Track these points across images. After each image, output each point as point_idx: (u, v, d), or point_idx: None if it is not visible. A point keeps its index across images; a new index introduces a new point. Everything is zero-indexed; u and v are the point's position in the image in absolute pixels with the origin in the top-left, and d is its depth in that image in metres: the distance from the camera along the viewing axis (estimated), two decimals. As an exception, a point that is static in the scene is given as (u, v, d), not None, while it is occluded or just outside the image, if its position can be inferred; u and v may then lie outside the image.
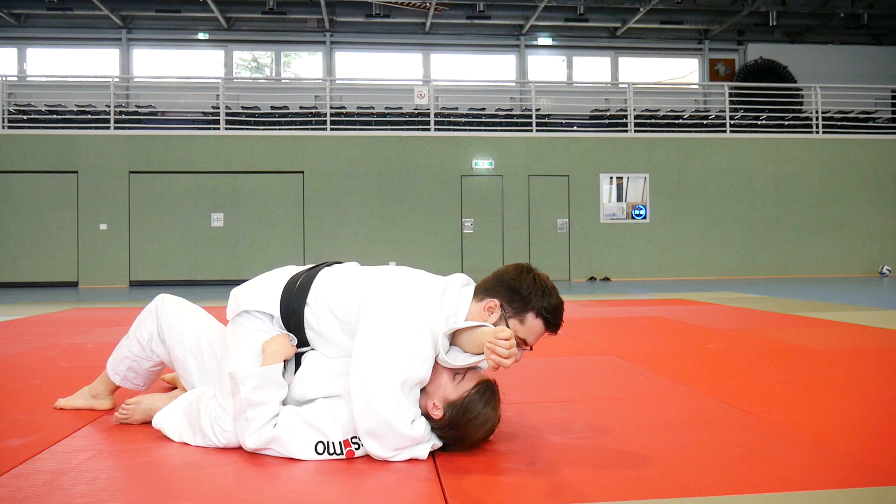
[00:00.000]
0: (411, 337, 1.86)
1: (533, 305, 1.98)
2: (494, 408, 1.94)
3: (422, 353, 1.86)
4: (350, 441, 1.90)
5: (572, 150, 13.19)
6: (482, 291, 2.04)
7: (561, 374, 3.15)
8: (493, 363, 1.78)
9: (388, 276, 2.06)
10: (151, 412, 2.26)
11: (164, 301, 2.38)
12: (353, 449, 1.90)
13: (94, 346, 4.21)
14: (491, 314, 1.99)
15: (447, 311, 1.97)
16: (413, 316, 1.89)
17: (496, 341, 1.76)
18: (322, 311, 2.06)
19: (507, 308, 1.99)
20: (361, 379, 1.82)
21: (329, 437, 1.90)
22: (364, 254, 12.24)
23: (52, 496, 1.67)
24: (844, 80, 16.46)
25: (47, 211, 12.26)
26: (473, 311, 2.01)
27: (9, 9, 14.89)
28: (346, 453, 1.90)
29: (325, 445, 1.90)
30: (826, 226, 13.49)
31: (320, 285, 2.10)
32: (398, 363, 1.83)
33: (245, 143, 12.71)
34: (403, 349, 1.84)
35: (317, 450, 1.90)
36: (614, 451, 2.00)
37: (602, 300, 8.03)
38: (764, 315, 5.91)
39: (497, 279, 2.04)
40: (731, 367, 3.47)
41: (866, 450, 1.99)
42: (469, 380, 1.94)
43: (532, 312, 1.98)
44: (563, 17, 15.91)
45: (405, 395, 1.84)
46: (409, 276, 2.06)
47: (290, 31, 16.30)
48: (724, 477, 1.77)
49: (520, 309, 1.98)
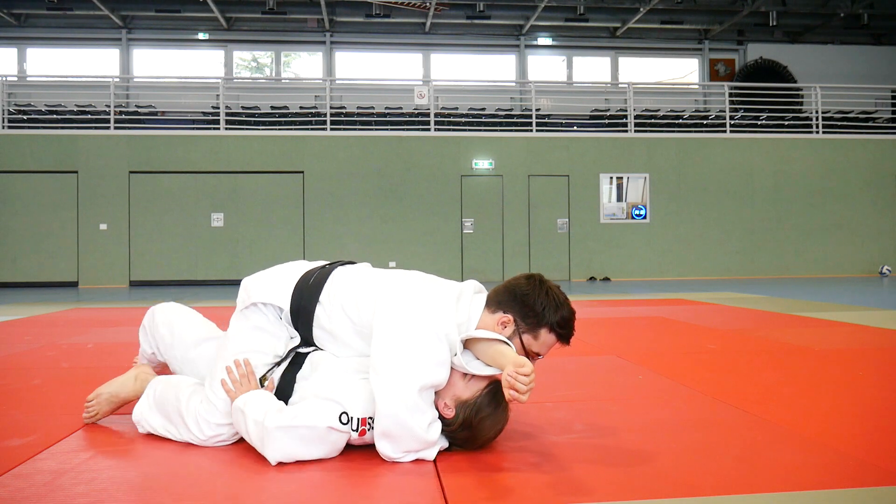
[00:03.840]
0: (428, 340, 1.85)
1: (547, 321, 1.98)
2: (505, 409, 1.95)
3: (440, 355, 1.85)
4: (367, 420, 1.90)
5: (572, 150, 13.19)
6: (495, 303, 2.03)
7: (561, 374, 3.15)
8: (508, 396, 1.77)
9: (403, 281, 2.06)
10: (116, 398, 2.27)
11: (154, 315, 2.38)
12: (367, 429, 1.90)
13: (94, 347, 4.21)
14: (504, 328, 1.99)
15: (460, 318, 1.97)
16: (429, 320, 1.89)
17: (517, 377, 1.74)
18: (335, 312, 2.06)
19: (520, 324, 1.99)
20: (381, 382, 1.82)
21: (350, 411, 1.89)
22: (364, 254, 12.23)
23: (52, 496, 1.67)
24: (844, 80, 16.46)
25: (47, 211, 12.25)
26: (485, 320, 2.01)
27: (9, 9, 14.89)
28: (360, 431, 1.89)
29: (348, 417, 1.89)
30: (826, 226, 13.49)
31: (334, 285, 2.09)
32: (418, 366, 1.82)
33: (245, 143, 12.71)
34: (422, 352, 1.84)
35: (341, 420, 1.87)
36: (614, 451, 2.00)
37: (602, 300, 8.03)
38: (764, 315, 5.91)
39: (510, 293, 2.02)
40: (731, 367, 3.47)
41: (866, 450, 1.99)
42: (479, 380, 1.94)
43: (546, 328, 1.99)
44: (563, 17, 15.91)
45: (423, 398, 1.84)
46: (424, 282, 2.06)
47: (290, 31, 16.30)
48: (724, 477, 1.77)
49: (534, 325, 1.98)
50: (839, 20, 16.38)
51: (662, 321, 5.60)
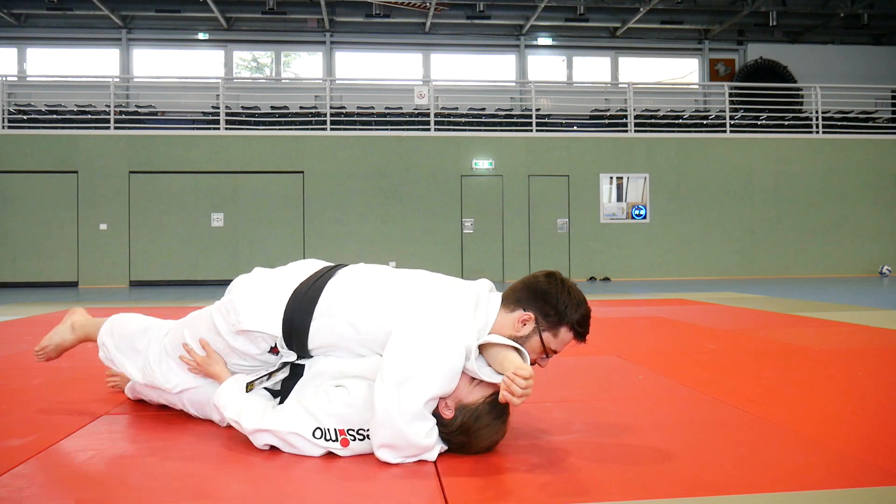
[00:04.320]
0: (447, 352, 1.81)
1: (568, 319, 1.97)
2: (504, 421, 1.93)
3: (455, 367, 1.83)
4: (345, 431, 1.90)
5: (572, 150, 13.19)
6: (513, 301, 2.01)
7: (561, 374, 3.15)
8: (502, 397, 1.77)
9: (419, 287, 2.01)
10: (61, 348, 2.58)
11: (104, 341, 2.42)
12: (348, 438, 1.89)
13: (93, 347, 4.20)
14: (524, 326, 1.97)
15: (479, 324, 1.95)
16: (450, 330, 1.85)
17: (514, 378, 1.74)
18: (339, 324, 1.99)
19: (541, 322, 1.98)
20: (385, 392, 1.78)
21: (323, 424, 1.90)
22: (364, 254, 12.23)
23: (52, 496, 1.67)
24: (844, 80, 16.45)
25: (47, 211, 12.25)
26: (501, 320, 1.99)
27: (9, 9, 14.89)
28: (340, 441, 1.89)
29: (322, 431, 1.90)
30: (826, 226, 13.49)
31: (335, 298, 2.02)
32: (430, 378, 1.79)
33: (245, 143, 12.71)
34: (438, 364, 1.80)
35: (314, 434, 1.89)
36: (614, 451, 2.00)
37: (602, 300, 8.03)
38: (764, 315, 5.91)
39: (530, 291, 2.00)
40: (731, 367, 3.47)
41: (866, 450, 1.99)
42: (485, 387, 1.91)
43: (566, 326, 1.98)
44: (563, 17, 15.91)
45: (427, 407, 1.83)
46: (441, 287, 2.01)
47: (290, 31, 16.30)
48: (725, 476, 1.77)
49: (555, 323, 1.98)
50: (839, 20, 16.38)
51: (662, 321, 5.60)
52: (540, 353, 2.01)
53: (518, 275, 12.49)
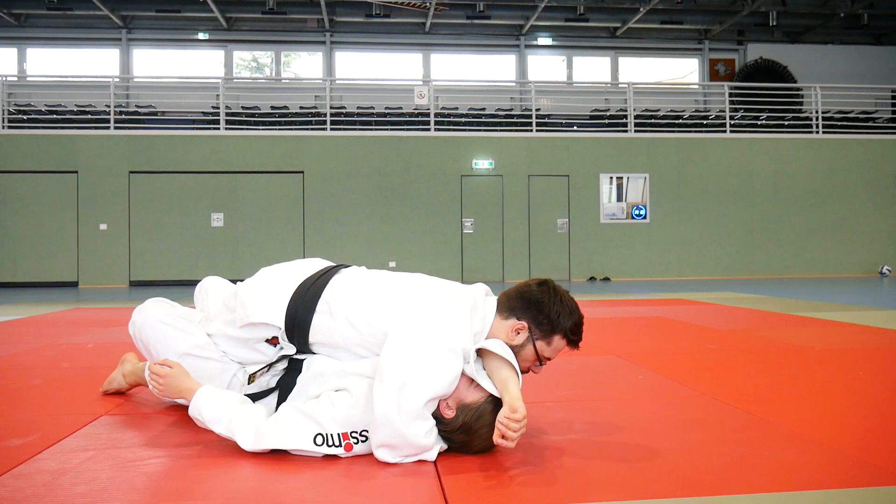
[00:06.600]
0: (444, 355, 1.83)
1: (561, 328, 2.00)
2: None
3: (454, 371, 1.84)
4: (349, 434, 1.90)
5: (572, 150, 13.19)
6: (507, 309, 2.04)
7: (561, 374, 3.15)
8: (496, 441, 1.80)
9: (417, 291, 2.04)
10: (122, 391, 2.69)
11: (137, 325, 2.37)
12: (352, 442, 1.90)
13: (94, 346, 4.21)
14: (518, 335, 2.00)
15: (476, 328, 1.98)
16: (446, 334, 1.87)
17: (508, 423, 1.77)
18: (338, 324, 2.03)
19: (534, 331, 2.01)
20: (385, 392, 1.79)
21: (326, 429, 1.89)
22: (364, 254, 12.24)
23: (52, 496, 1.67)
24: (844, 80, 16.45)
25: (47, 211, 12.25)
26: (497, 326, 2.02)
27: (9, 9, 14.89)
28: (344, 446, 1.89)
29: (323, 437, 1.89)
30: (826, 226, 13.49)
31: (336, 295, 2.06)
32: (429, 380, 1.81)
33: (245, 143, 12.71)
34: (435, 367, 1.82)
35: (315, 441, 1.89)
36: (614, 451, 2.00)
37: (602, 300, 8.03)
38: (764, 315, 5.91)
39: (523, 300, 2.03)
40: (732, 367, 3.47)
41: (866, 450, 1.99)
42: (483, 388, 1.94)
43: (559, 335, 2.01)
44: (563, 17, 15.90)
45: (427, 408, 1.84)
46: (438, 291, 2.04)
47: (290, 31, 16.30)
48: (724, 476, 1.77)
49: (548, 332, 2.01)
50: (839, 20, 16.37)
51: (662, 321, 5.60)
52: (533, 361, 2.05)
53: (518, 275, 12.58)
